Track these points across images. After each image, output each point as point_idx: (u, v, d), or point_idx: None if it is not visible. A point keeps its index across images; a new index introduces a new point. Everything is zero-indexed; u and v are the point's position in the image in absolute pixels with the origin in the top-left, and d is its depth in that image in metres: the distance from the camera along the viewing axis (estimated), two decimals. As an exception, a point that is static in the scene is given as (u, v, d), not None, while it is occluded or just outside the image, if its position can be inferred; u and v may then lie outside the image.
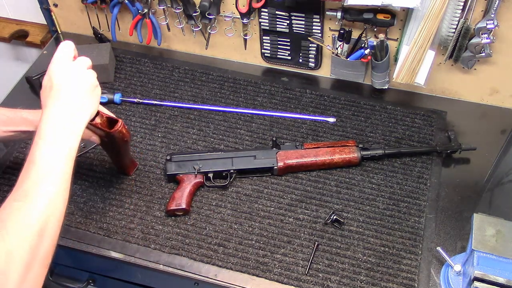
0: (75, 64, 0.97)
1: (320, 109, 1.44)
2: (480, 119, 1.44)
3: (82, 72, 0.97)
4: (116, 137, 1.09)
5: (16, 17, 1.78)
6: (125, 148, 1.19)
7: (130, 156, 1.25)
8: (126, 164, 1.26)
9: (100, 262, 1.21)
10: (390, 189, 1.26)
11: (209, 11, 1.44)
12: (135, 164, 1.29)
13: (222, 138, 1.37)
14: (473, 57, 1.32)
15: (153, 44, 1.60)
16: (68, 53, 0.98)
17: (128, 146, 1.19)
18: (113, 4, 1.51)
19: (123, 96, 1.46)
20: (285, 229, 1.18)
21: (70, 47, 0.99)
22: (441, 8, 1.22)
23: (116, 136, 1.09)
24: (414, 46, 1.30)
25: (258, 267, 1.12)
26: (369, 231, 1.18)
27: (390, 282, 1.10)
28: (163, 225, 1.19)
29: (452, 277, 1.09)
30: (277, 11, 1.41)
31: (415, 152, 1.32)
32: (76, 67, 0.97)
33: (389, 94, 1.49)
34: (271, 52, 1.53)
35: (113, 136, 1.09)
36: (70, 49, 0.98)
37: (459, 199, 1.26)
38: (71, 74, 0.96)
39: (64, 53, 0.97)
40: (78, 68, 0.97)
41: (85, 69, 0.99)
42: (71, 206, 1.22)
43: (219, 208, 1.22)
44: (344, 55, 1.42)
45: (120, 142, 1.12)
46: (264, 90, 1.49)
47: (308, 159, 1.27)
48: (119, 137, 1.10)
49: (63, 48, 0.98)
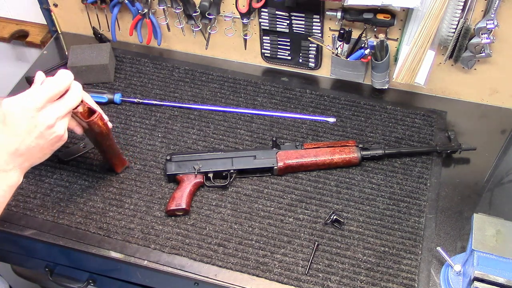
0: (41, 118, 0.90)
1: (320, 109, 1.44)
2: (480, 119, 1.44)
3: (44, 128, 0.91)
4: (94, 129, 1.09)
5: (16, 17, 1.78)
6: (107, 143, 1.17)
7: (118, 153, 1.24)
8: (112, 160, 1.24)
9: (100, 262, 1.21)
10: (390, 189, 1.26)
11: (209, 11, 1.44)
12: (123, 162, 1.28)
13: (222, 138, 1.37)
14: (473, 57, 1.32)
15: (153, 44, 1.60)
16: (40, 101, 0.90)
17: (109, 141, 1.17)
18: (113, 4, 1.51)
19: (123, 96, 1.46)
20: (285, 229, 1.18)
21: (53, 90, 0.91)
22: (441, 8, 1.22)
23: (94, 128, 1.08)
24: (414, 46, 1.30)
25: (258, 267, 1.12)
26: (369, 231, 1.18)
27: (390, 282, 1.10)
28: (163, 225, 1.19)
29: (452, 277, 1.09)
30: (277, 11, 1.41)
31: (415, 152, 1.32)
32: (40, 122, 0.90)
33: (389, 94, 1.49)
34: (271, 52, 1.53)
35: (92, 128, 1.08)
36: (47, 94, 0.90)
37: (459, 199, 1.26)
38: (29, 127, 0.90)
39: (35, 102, 0.89)
40: (42, 123, 0.90)
41: (52, 121, 0.92)
42: (71, 206, 1.22)
43: (219, 208, 1.22)
44: (344, 55, 1.42)
45: (98, 135, 1.11)
46: (264, 90, 1.49)
47: (308, 159, 1.27)
48: (97, 129, 1.09)
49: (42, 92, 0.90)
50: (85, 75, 1.48)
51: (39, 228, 1.19)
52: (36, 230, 1.19)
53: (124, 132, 1.38)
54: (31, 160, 0.96)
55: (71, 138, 1.36)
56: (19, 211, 1.22)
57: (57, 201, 1.23)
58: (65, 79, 0.94)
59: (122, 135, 1.37)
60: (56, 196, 1.24)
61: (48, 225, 1.20)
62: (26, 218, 1.21)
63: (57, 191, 1.25)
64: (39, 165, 1.28)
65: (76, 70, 1.47)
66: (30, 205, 1.23)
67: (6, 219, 1.20)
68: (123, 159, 1.27)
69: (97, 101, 1.15)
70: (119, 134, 1.38)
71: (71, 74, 0.95)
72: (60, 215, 1.21)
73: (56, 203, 1.23)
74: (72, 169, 1.30)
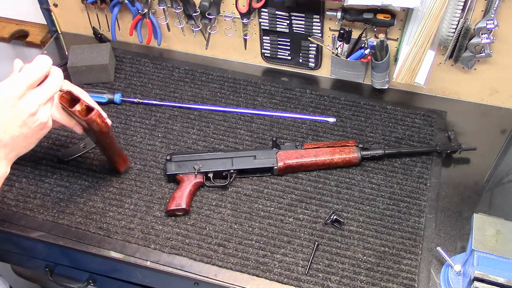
0: (22, 106, 0.88)
1: (320, 109, 1.44)
2: (480, 119, 1.44)
3: (27, 116, 0.89)
4: (93, 127, 1.08)
5: (16, 17, 1.78)
6: (107, 141, 1.16)
7: (119, 152, 1.24)
8: (113, 159, 1.24)
9: (100, 262, 1.21)
10: (390, 189, 1.26)
11: (209, 11, 1.44)
12: (125, 161, 1.27)
13: (222, 138, 1.37)
14: (473, 57, 1.32)
15: (153, 44, 1.60)
16: (20, 88, 0.87)
17: (110, 139, 1.16)
18: (113, 4, 1.51)
19: (123, 96, 1.46)
20: (285, 229, 1.18)
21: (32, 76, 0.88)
22: (441, 8, 1.22)
23: (93, 126, 1.07)
24: (414, 46, 1.30)
25: (258, 267, 1.12)
26: (369, 231, 1.18)
27: (390, 282, 1.10)
28: (163, 225, 1.19)
29: (452, 277, 1.09)
30: (277, 11, 1.41)
31: (415, 152, 1.32)
32: (22, 110, 0.88)
33: (389, 94, 1.49)
34: (271, 52, 1.53)
35: (90, 126, 1.07)
36: (27, 81, 0.88)
37: (459, 199, 1.26)
38: (12, 117, 0.88)
39: (15, 90, 0.87)
40: (24, 111, 0.88)
41: (34, 109, 0.89)
42: (71, 206, 1.22)
43: (219, 208, 1.22)
44: (344, 55, 1.42)
45: (98, 133, 1.10)
46: (264, 90, 1.49)
47: (308, 159, 1.27)
48: (96, 127, 1.08)
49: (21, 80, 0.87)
50: (85, 75, 1.49)
51: (39, 228, 1.19)
52: (36, 230, 1.19)
53: (124, 132, 1.38)
54: (16, 150, 0.94)
55: (71, 138, 1.37)
56: (19, 211, 1.22)
57: (57, 201, 1.23)
58: (43, 64, 0.91)
59: (122, 135, 1.37)
60: (56, 196, 1.24)
61: (48, 225, 1.20)
62: (26, 218, 1.21)
63: (57, 191, 1.25)
64: (39, 165, 1.30)
65: (76, 70, 1.47)
66: (30, 205, 1.23)
67: (6, 219, 1.21)
68: (125, 157, 1.27)
69: (97, 101, 1.15)
70: (119, 134, 1.38)
71: (49, 59, 0.92)
72: (60, 215, 1.21)
73: (56, 203, 1.23)
74: (72, 169, 1.30)
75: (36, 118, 0.91)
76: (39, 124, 0.92)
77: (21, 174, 1.28)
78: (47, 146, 1.34)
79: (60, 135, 1.37)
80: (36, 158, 1.31)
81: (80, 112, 1.04)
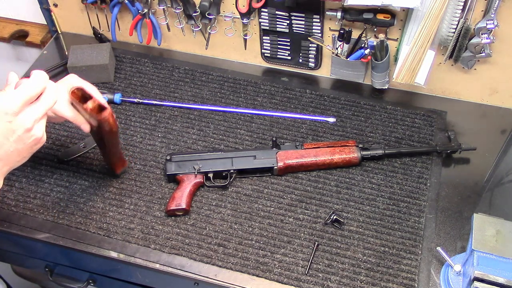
0: (19, 122, 0.88)
1: (320, 109, 1.44)
2: (480, 119, 1.44)
3: (22, 132, 0.89)
4: (105, 126, 1.07)
5: (16, 17, 1.78)
6: (113, 141, 1.16)
7: (120, 153, 1.23)
8: (113, 160, 1.23)
9: (100, 262, 1.21)
10: (390, 189, 1.26)
11: (209, 11, 1.44)
12: (124, 163, 1.27)
13: (222, 138, 1.37)
14: (473, 57, 1.32)
15: (153, 44, 1.60)
16: (17, 105, 0.87)
17: (116, 140, 1.16)
18: (113, 4, 1.51)
19: (123, 96, 1.46)
20: (285, 229, 1.18)
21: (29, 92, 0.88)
22: (441, 8, 1.22)
23: (105, 125, 1.06)
24: (414, 46, 1.30)
25: (258, 267, 1.12)
26: (369, 231, 1.18)
27: (390, 282, 1.10)
28: (163, 225, 1.19)
29: (452, 277, 1.09)
30: (277, 11, 1.41)
31: (415, 152, 1.32)
32: (18, 126, 0.88)
33: (389, 94, 1.49)
34: (271, 52, 1.53)
35: (102, 125, 1.06)
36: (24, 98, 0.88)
37: (459, 199, 1.26)
38: (7, 132, 0.88)
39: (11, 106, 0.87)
40: (20, 127, 0.88)
41: (30, 125, 0.89)
42: (71, 206, 1.22)
43: (219, 208, 1.22)
44: (344, 55, 1.42)
45: (107, 132, 1.09)
46: (264, 90, 1.49)
47: (308, 159, 1.27)
48: (106, 126, 1.07)
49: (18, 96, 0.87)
50: (85, 75, 1.47)
51: (39, 228, 1.19)
52: (36, 230, 1.19)
53: (124, 132, 1.38)
54: (9, 164, 0.95)
55: (71, 138, 1.37)
56: (19, 211, 1.22)
57: (57, 201, 1.23)
58: (40, 80, 0.91)
59: (122, 135, 1.37)
60: (56, 196, 1.24)
61: (48, 225, 1.20)
62: (26, 218, 1.21)
63: (57, 191, 1.25)
64: (39, 165, 1.30)
65: (76, 70, 1.47)
66: (30, 205, 1.23)
67: (6, 219, 1.21)
68: (124, 159, 1.27)
69: (97, 101, 1.15)
70: (119, 134, 1.37)
71: (46, 75, 0.92)
72: (60, 215, 1.21)
73: (56, 203, 1.23)
74: (72, 169, 1.30)
75: (31, 134, 0.92)
76: (34, 140, 0.93)
77: (21, 174, 1.28)
78: (47, 146, 1.34)
79: (60, 135, 1.37)
80: (36, 158, 1.31)
81: (93, 110, 1.03)
